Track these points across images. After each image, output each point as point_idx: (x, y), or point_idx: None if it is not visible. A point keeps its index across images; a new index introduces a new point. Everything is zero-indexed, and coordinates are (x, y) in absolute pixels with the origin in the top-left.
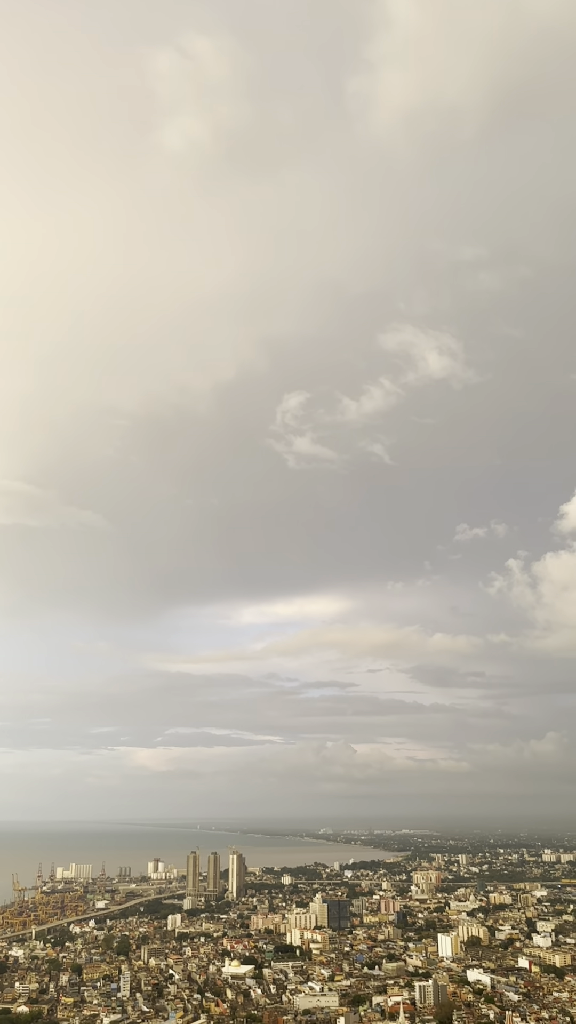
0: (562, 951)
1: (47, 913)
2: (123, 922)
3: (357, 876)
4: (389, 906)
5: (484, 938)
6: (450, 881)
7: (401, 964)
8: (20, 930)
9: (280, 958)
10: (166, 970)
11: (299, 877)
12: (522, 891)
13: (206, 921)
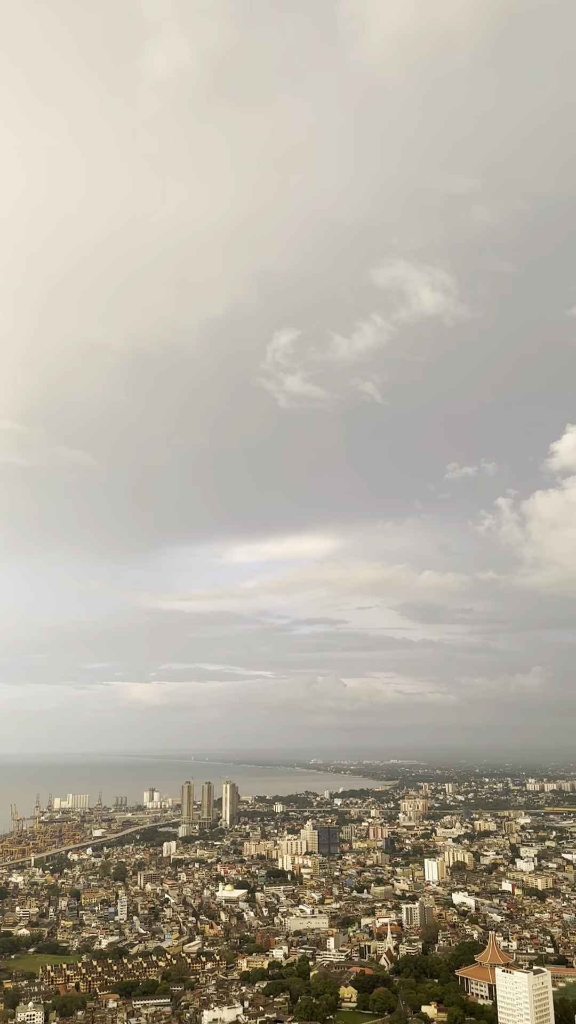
0: (544, 875)
1: (45, 841)
2: (120, 849)
3: (347, 804)
4: (377, 832)
5: (469, 863)
6: (436, 809)
7: (389, 888)
8: (19, 858)
9: (272, 882)
10: (162, 894)
11: (290, 805)
12: (506, 818)
13: (200, 848)
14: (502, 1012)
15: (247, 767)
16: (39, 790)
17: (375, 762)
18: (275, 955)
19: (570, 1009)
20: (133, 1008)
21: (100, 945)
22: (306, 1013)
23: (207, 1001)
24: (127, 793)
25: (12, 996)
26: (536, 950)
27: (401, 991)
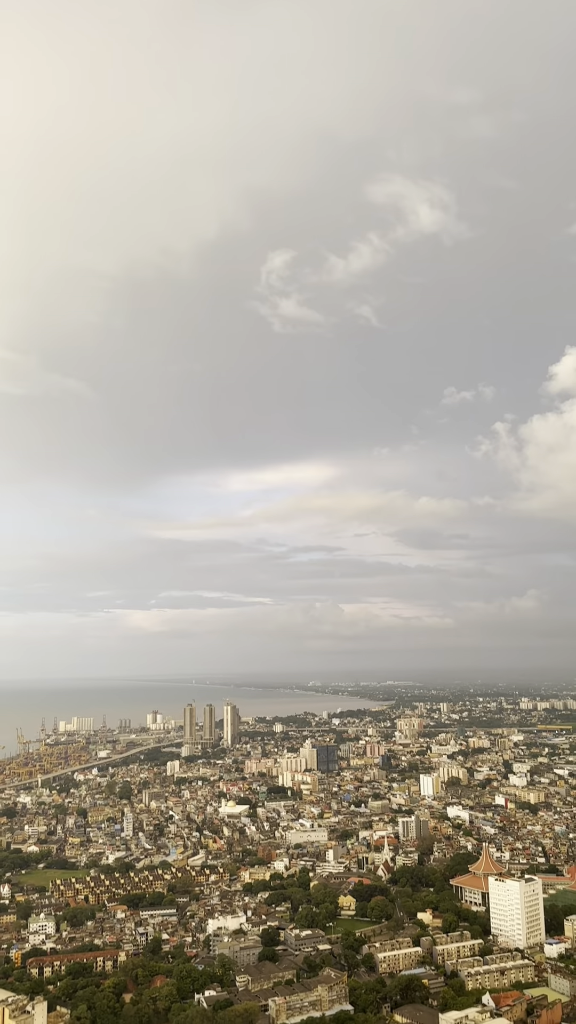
0: (536, 789)
1: (52, 763)
2: (124, 769)
3: (344, 723)
4: (374, 750)
5: (463, 778)
6: (432, 727)
7: (385, 802)
8: (26, 779)
9: (273, 798)
10: (166, 811)
11: (290, 725)
12: (500, 736)
13: (203, 766)
14: (495, 918)
15: (247, 690)
16: (44, 714)
17: (372, 684)
18: (276, 867)
19: (560, 914)
20: (140, 918)
21: (107, 860)
22: (307, 921)
23: (211, 911)
24: (130, 716)
25: (24, 908)
26: (528, 860)
27: (398, 899)
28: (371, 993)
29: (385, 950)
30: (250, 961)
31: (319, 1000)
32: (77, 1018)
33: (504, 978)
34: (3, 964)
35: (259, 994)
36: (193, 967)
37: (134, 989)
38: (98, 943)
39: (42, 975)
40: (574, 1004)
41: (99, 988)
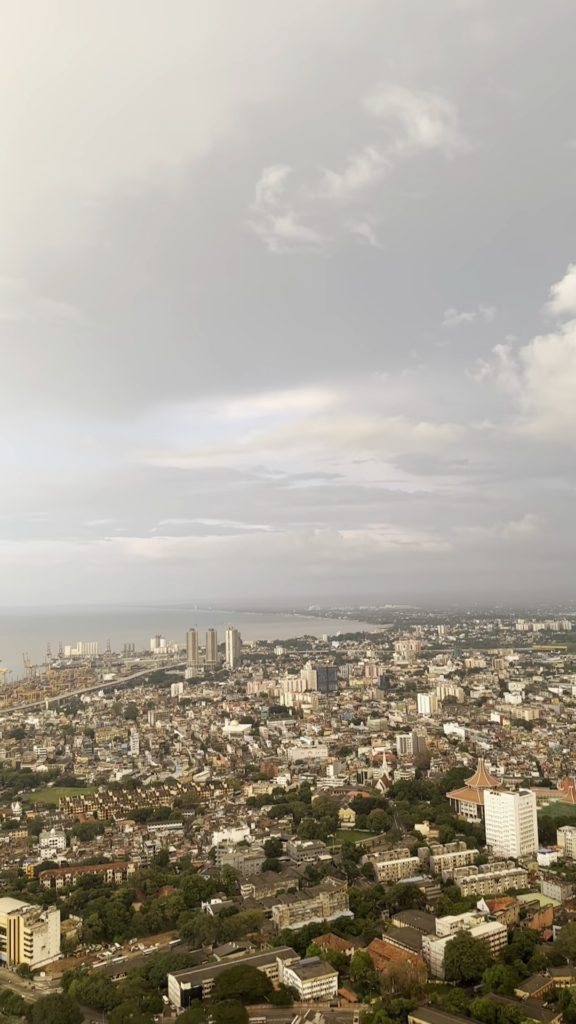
0: (530, 707)
1: (58, 686)
2: (130, 691)
3: (344, 646)
4: (373, 671)
5: (460, 697)
6: (429, 649)
7: (384, 720)
8: (34, 701)
9: (274, 717)
10: (171, 731)
11: (290, 648)
12: (496, 656)
13: (206, 688)
14: (490, 829)
15: (248, 615)
16: (49, 640)
17: (371, 607)
18: (278, 782)
19: (553, 825)
20: (148, 832)
21: (115, 777)
22: (308, 832)
23: (216, 824)
24: (134, 640)
25: (35, 824)
26: (522, 774)
27: (396, 812)
28: (370, 900)
29: (384, 860)
30: (254, 871)
31: (321, 907)
32: (89, 926)
33: (498, 885)
34: (17, 877)
35: (263, 902)
36: (199, 877)
37: (143, 898)
38: (107, 856)
39: (54, 886)
40: (565, 908)
41: (109, 898)
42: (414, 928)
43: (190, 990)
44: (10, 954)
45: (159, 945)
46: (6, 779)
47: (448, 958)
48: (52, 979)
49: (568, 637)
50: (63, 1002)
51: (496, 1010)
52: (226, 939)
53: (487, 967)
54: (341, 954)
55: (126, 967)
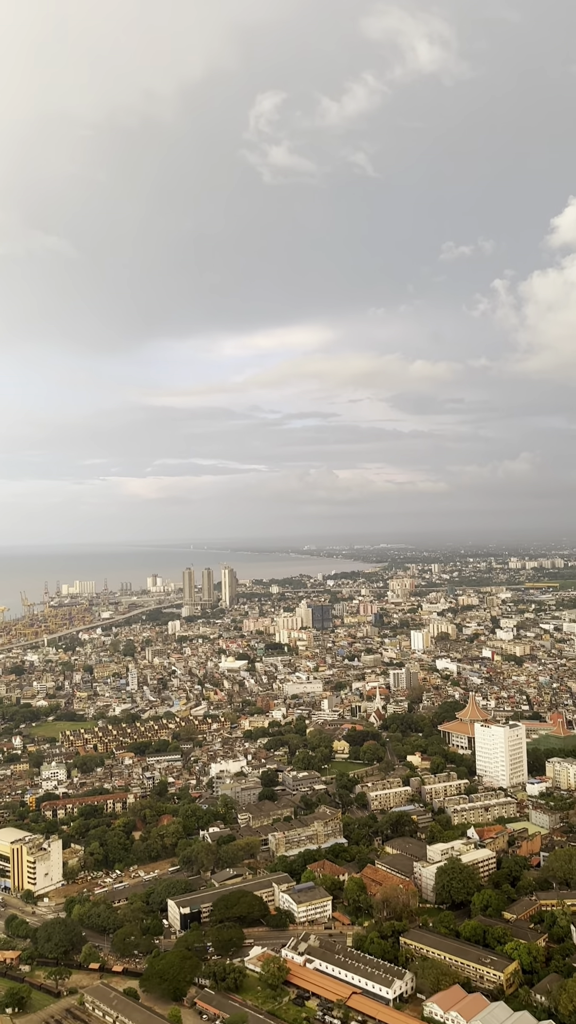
0: (521, 643)
1: (57, 624)
2: (127, 629)
3: (338, 585)
4: (367, 609)
5: (452, 633)
6: (423, 587)
7: (378, 656)
8: (33, 639)
9: (270, 654)
10: (169, 667)
11: (286, 587)
12: (488, 594)
13: (203, 626)
14: (480, 760)
15: (244, 554)
16: (46, 578)
17: (365, 547)
18: (274, 716)
19: (542, 757)
20: (147, 764)
21: (114, 712)
22: (303, 763)
23: (214, 756)
24: (131, 579)
25: (36, 757)
26: (513, 708)
27: (389, 744)
28: (364, 828)
29: (377, 789)
30: (251, 800)
31: (315, 834)
32: (90, 854)
33: (488, 814)
34: (19, 808)
35: (259, 830)
36: (198, 807)
37: (143, 827)
38: (108, 787)
39: (56, 817)
40: (552, 836)
41: (110, 827)
42: (406, 855)
43: (189, 914)
44: (14, 881)
45: (159, 872)
46: (7, 714)
47: (439, 883)
48: (55, 904)
49: (560, 575)
50: (66, 925)
51: (484, 931)
52: (224, 866)
53: (476, 891)
54: (335, 879)
55: (127, 893)
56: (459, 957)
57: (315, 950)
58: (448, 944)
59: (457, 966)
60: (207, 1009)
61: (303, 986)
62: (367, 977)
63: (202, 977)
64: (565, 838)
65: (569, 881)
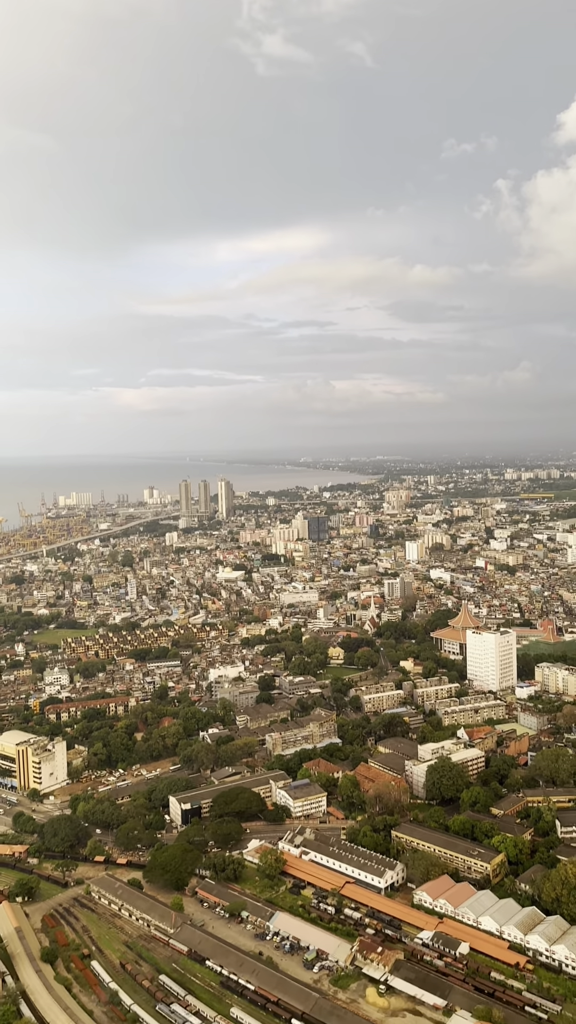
0: (515, 553)
1: (55, 535)
2: (125, 540)
3: (335, 496)
4: (363, 520)
5: (447, 544)
6: (418, 498)
7: (373, 567)
8: (32, 549)
9: (267, 565)
10: (167, 577)
11: (282, 499)
12: (483, 505)
13: (200, 537)
14: (471, 665)
15: (240, 466)
16: (43, 490)
17: (362, 458)
18: (271, 624)
19: (531, 662)
20: (147, 669)
21: (114, 620)
22: (299, 669)
23: (212, 662)
24: (128, 491)
25: (39, 663)
26: (504, 615)
27: (382, 650)
28: (357, 729)
29: (370, 693)
30: (248, 704)
31: (311, 735)
32: (94, 754)
33: (478, 715)
34: (23, 711)
35: (257, 731)
36: (197, 709)
37: (144, 729)
38: (109, 691)
39: (59, 720)
40: (540, 737)
41: (112, 729)
42: (398, 754)
43: (190, 810)
44: (20, 781)
45: (160, 770)
46: (8, 622)
47: (429, 780)
48: (61, 802)
49: (555, 485)
50: (72, 821)
51: (472, 826)
52: (223, 764)
53: (465, 788)
54: (330, 777)
55: (130, 790)
56: (448, 849)
57: (311, 843)
58: (438, 837)
59: (446, 858)
60: (208, 898)
61: (299, 876)
62: (360, 868)
63: (203, 868)
64: (552, 739)
65: (555, 779)
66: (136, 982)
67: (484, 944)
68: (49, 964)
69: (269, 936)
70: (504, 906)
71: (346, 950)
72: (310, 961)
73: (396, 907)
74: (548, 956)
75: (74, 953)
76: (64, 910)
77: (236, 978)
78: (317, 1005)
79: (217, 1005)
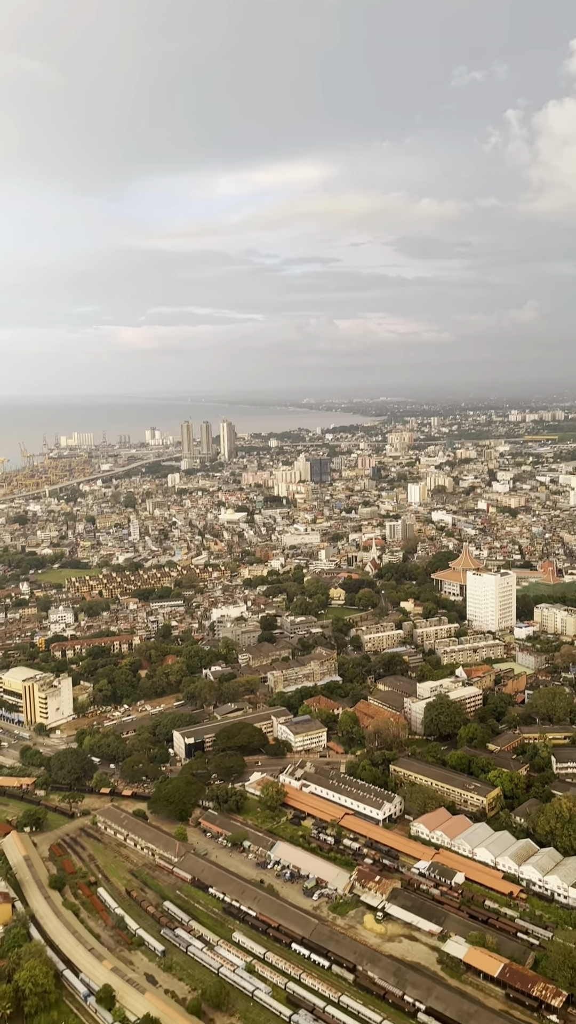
0: (517, 495)
1: (57, 475)
2: (127, 481)
3: (337, 438)
4: (365, 462)
5: (449, 486)
6: (421, 440)
7: (374, 509)
8: (34, 489)
9: (269, 507)
10: (170, 518)
11: (284, 441)
12: (487, 447)
13: (202, 479)
14: (471, 606)
15: (242, 407)
16: (44, 429)
17: (365, 400)
18: (273, 565)
19: (531, 603)
20: (151, 609)
21: (117, 560)
22: (301, 609)
23: (215, 602)
24: (129, 432)
25: (43, 602)
26: (505, 557)
27: (383, 591)
28: (357, 667)
29: (371, 632)
30: (250, 643)
31: (312, 673)
32: (99, 690)
33: (476, 655)
34: (29, 649)
35: (259, 669)
36: (200, 648)
37: (148, 667)
38: (114, 630)
39: (65, 657)
40: (537, 675)
41: (117, 666)
42: (397, 691)
43: (193, 744)
44: (27, 715)
45: (164, 706)
46: (12, 561)
47: (427, 717)
48: (67, 736)
49: (560, 427)
50: (78, 754)
51: (469, 761)
52: (225, 701)
53: (463, 725)
54: (330, 713)
55: (134, 725)
56: (445, 783)
57: (311, 776)
58: (435, 771)
59: (443, 791)
60: (210, 828)
61: (299, 808)
62: (359, 800)
63: (206, 800)
64: (549, 678)
65: (552, 716)
66: (141, 908)
67: (479, 874)
68: (57, 891)
69: (270, 865)
70: (499, 838)
71: (345, 879)
72: (310, 889)
73: (394, 838)
74: (541, 886)
75: (81, 880)
76: (71, 840)
77: (238, 905)
78: (316, 931)
79: (219, 930)
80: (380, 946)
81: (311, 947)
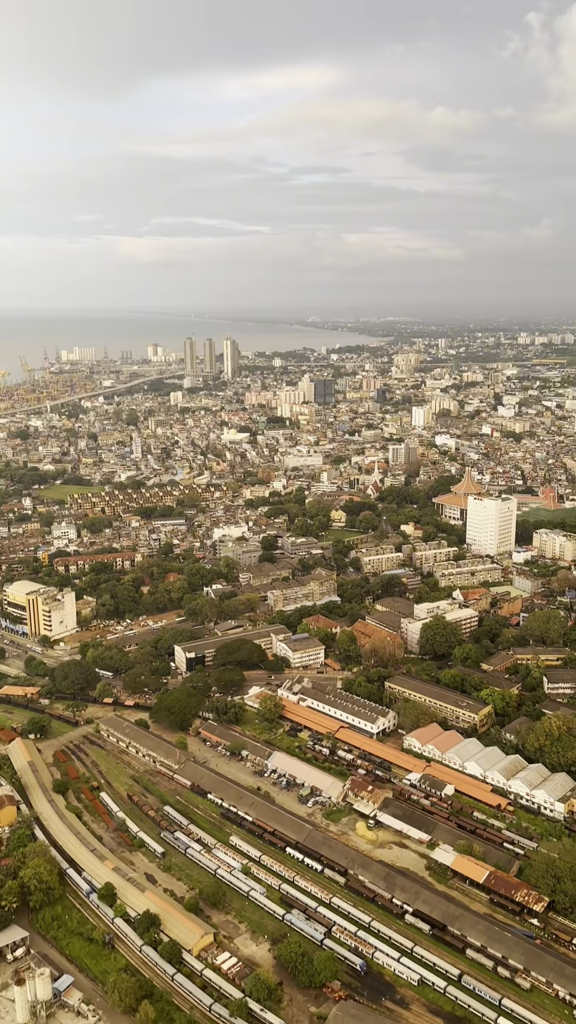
0: (522, 420)
1: (58, 390)
2: (130, 398)
3: (342, 359)
4: (370, 384)
5: (454, 410)
6: (428, 363)
7: (378, 432)
8: (35, 404)
9: (272, 427)
10: (172, 437)
11: (289, 360)
12: (494, 370)
13: (205, 397)
14: (470, 530)
15: (246, 324)
16: (44, 343)
17: (372, 319)
18: (275, 486)
19: (530, 528)
20: (153, 527)
21: (120, 478)
22: (302, 531)
23: (217, 522)
24: (131, 347)
25: (46, 517)
26: (507, 483)
27: (384, 514)
28: (356, 588)
29: (370, 554)
30: (251, 562)
31: (311, 592)
32: (102, 605)
33: (474, 578)
34: (32, 563)
35: (259, 588)
36: (201, 566)
37: (150, 583)
38: (116, 547)
39: (68, 572)
40: (533, 599)
41: (119, 582)
42: (394, 612)
43: (194, 658)
44: (31, 628)
45: (166, 622)
46: (15, 476)
47: (423, 637)
48: (70, 648)
49: (569, 351)
50: (81, 666)
51: (463, 679)
52: (226, 618)
53: (458, 645)
54: (328, 632)
55: (137, 639)
56: (438, 700)
57: (308, 690)
58: (429, 689)
59: (436, 708)
60: (210, 737)
61: (296, 720)
62: (354, 714)
63: (206, 711)
64: (545, 601)
65: (545, 639)
66: (142, 812)
67: (468, 787)
68: (61, 795)
69: (267, 773)
70: (489, 753)
71: (338, 788)
72: (305, 797)
73: (386, 751)
74: (528, 799)
75: (84, 785)
76: (75, 746)
77: (235, 810)
78: (310, 836)
79: (217, 834)
80: (371, 852)
81: (305, 851)
